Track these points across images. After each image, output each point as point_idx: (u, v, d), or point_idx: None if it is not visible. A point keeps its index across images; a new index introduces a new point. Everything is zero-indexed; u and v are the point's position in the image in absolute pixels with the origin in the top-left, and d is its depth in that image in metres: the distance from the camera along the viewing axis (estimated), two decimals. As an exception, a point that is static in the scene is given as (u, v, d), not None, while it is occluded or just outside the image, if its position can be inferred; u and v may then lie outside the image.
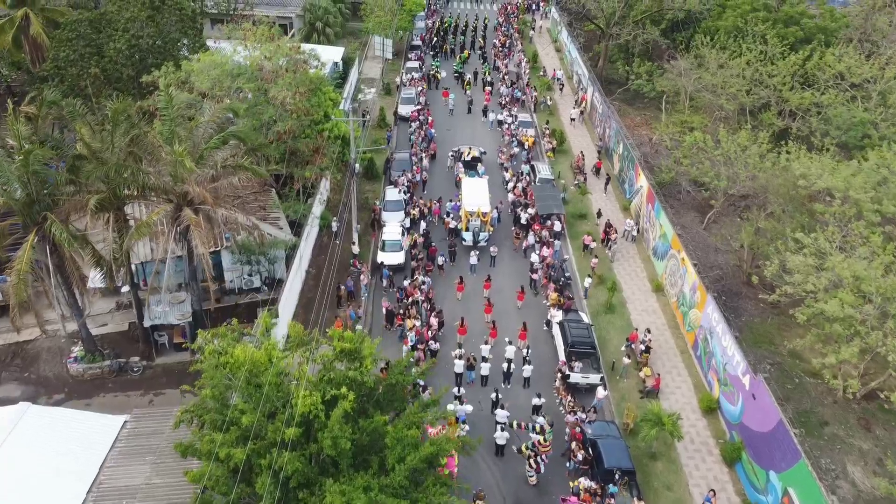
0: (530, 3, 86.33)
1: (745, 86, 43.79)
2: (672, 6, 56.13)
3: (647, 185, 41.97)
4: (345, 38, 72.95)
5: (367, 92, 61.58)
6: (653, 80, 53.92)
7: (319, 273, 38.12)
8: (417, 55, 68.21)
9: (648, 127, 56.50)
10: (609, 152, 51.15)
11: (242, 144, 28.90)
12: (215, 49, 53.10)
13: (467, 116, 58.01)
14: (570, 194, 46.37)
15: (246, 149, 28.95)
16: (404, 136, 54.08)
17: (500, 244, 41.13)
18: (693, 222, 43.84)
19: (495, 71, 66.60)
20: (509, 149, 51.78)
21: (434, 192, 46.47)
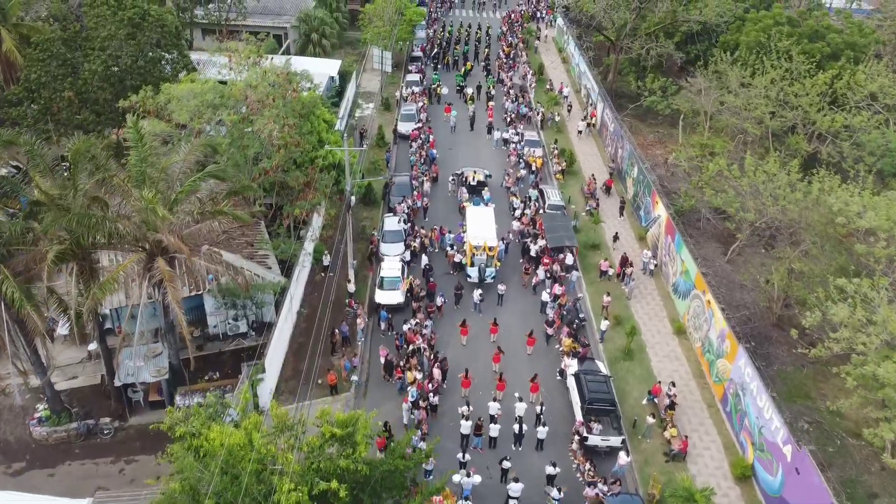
0: (535, 11, 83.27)
1: (770, 108, 40.70)
2: (687, 18, 53.02)
3: (665, 216, 38.91)
4: (342, 48, 70.03)
5: (366, 107, 58.66)
6: (667, 96, 50.89)
7: (312, 313, 35.04)
8: (418, 67, 65.16)
9: (663, 146, 53.48)
10: (622, 175, 48.10)
11: (223, 184, 25.86)
12: (202, 64, 50.43)
13: (470, 134, 54.96)
14: (581, 222, 43.31)
15: (227, 190, 25.92)
16: (404, 156, 51.04)
17: (508, 280, 38.12)
18: (715, 254, 40.80)
19: (499, 84, 63.55)
20: (516, 171, 48.73)
21: (436, 219, 43.41)
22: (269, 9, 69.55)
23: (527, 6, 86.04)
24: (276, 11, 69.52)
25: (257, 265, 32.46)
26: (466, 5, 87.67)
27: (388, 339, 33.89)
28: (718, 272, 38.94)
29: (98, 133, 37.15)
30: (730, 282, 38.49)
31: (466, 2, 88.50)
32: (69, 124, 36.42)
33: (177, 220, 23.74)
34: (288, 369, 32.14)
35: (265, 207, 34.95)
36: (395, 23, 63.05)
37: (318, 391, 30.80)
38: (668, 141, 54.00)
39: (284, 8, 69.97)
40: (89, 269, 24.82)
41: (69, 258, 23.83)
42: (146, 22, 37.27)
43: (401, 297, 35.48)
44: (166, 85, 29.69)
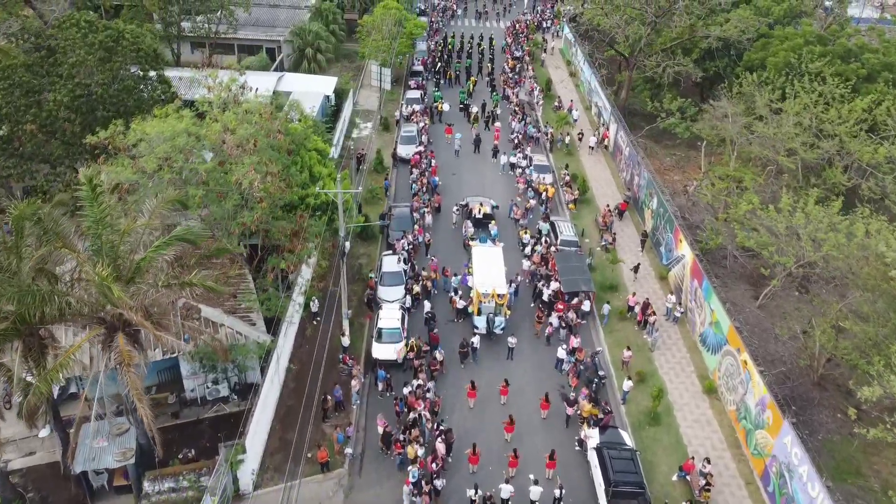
0: (540, 21, 79.75)
1: (806, 138, 37.18)
2: (707, 33, 49.52)
3: (691, 257, 35.44)
4: (339, 61, 66.60)
5: (363, 127, 55.21)
6: (686, 118, 47.39)
7: (302, 370, 31.64)
8: (418, 82, 61.63)
9: (681, 171, 50.02)
10: (639, 204, 44.59)
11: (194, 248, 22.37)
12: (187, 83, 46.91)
13: (475, 157, 51.45)
14: (596, 258, 39.83)
15: (198, 255, 22.47)
16: (404, 181, 47.55)
17: (519, 328, 34.65)
18: (744, 298, 37.31)
19: (504, 100, 60.03)
20: (524, 200, 45.28)
21: (439, 255, 39.89)
22: (261, 21, 66.11)
23: (532, 16, 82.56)
24: (268, 24, 66.06)
25: (240, 321, 28.97)
26: (468, 15, 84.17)
27: (386, 402, 30.41)
28: (749, 319, 35.46)
29: (68, 167, 33.75)
30: (762, 330, 35.00)
31: (468, 11, 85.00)
32: (35, 158, 32.98)
33: (139, 294, 20.23)
34: (274, 440, 28.63)
35: (249, 250, 31.46)
36: (395, 36, 59.65)
37: (308, 467, 27.29)
38: (687, 166, 50.55)
39: (278, 20, 66.53)
40: (38, 346, 21.31)
41: (12, 336, 20.35)
42: (120, 45, 33.75)
43: (401, 350, 32.02)
44: (136, 124, 26.14)
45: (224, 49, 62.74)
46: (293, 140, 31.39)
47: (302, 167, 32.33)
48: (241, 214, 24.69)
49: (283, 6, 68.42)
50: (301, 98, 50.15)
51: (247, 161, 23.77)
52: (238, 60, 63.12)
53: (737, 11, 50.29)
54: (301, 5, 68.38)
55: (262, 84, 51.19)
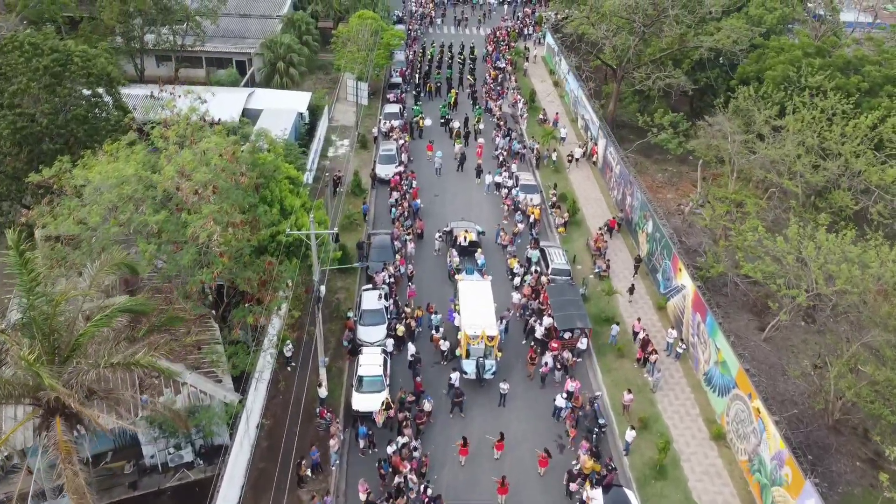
0: (522, 28, 77.34)
1: (810, 159, 35.05)
2: (699, 44, 47.35)
3: (692, 288, 33.14)
4: (314, 73, 63.72)
5: (340, 144, 52.43)
6: (679, 133, 45.19)
7: (277, 425, 28.91)
8: (397, 95, 58.94)
9: (674, 189, 47.82)
10: (632, 226, 42.28)
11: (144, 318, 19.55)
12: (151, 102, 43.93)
13: (458, 176, 48.87)
14: (589, 288, 37.44)
15: (149, 326, 19.69)
16: (383, 204, 44.83)
17: (511, 370, 32.16)
18: (748, 329, 35.14)
19: (487, 113, 57.53)
20: (511, 222, 42.84)
21: (422, 288, 37.27)
22: (231, 32, 63.05)
23: (513, 22, 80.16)
24: (239, 34, 63.03)
25: (205, 379, 26.11)
26: (447, 22, 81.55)
27: (368, 461, 27.69)
28: (756, 353, 33.33)
29: (12, 206, 30.71)
30: (770, 366, 32.87)
31: (447, 18, 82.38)
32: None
33: (78, 374, 17.39)
34: (245, 510, 25.84)
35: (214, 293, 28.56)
36: (371, 47, 56.91)
37: (282, 543, 24.57)
38: (680, 182, 48.38)
39: (248, 31, 63.50)
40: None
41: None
42: (68, 70, 30.74)
43: (384, 400, 29.35)
44: (78, 168, 23.17)
45: (192, 62, 59.66)
46: (262, 173, 28.56)
47: (272, 202, 29.52)
48: (199, 272, 21.86)
49: (254, 16, 65.41)
50: (273, 116, 47.52)
51: (205, 210, 20.97)
52: (206, 74, 60.13)
53: (728, 21, 48.23)
54: (273, 15, 65.40)
55: (231, 101, 48.65)
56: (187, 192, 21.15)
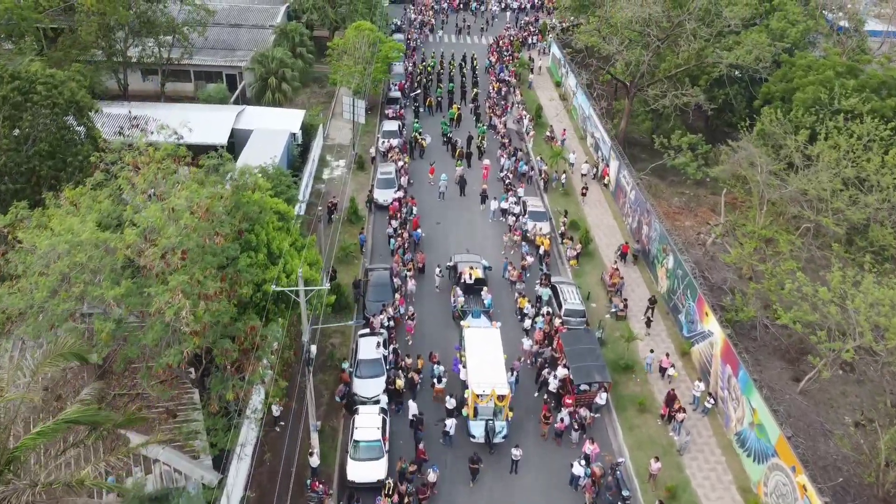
0: (526, 37, 74.21)
1: (850, 193, 32.03)
2: (719, 60, 44.29)
3: (721, 337, 30.10)
4: (308, 86, 60.61)
5: (335, 165, 49.33)
6: (698, 156, 42.15)
7: (263, 497, 25.81)
8: (396, 111, 55.84)
9: (692, 215, 44.76)
10: (649, 258, 39.23)
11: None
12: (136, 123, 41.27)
13: (461, 201, 45.78)
14: (606, 331, 34.39)
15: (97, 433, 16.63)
16: (381, 233, 41.79)
17: (522, 428, 29.13)
18: (782, 379, 32.13)
19: (491, 129, 54.46)
20: (517, 251, 39.86)
21: (423, 331, 34.27)
22: (221, 43, 59.89)
23: (516, 30, 77.07)
24: (229, 46, 59.87)
25: (179, 455, 23.06)
26: (448, 30, 78.45)
27: (365, 543, 24.68)
28: (791, 408, 30.32)
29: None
30: (808, 424, 29.86)
31: (448, 26, 79.28)
32: None
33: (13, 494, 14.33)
34: None
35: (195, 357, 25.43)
36: (369, 60, 53.81)
37: None
38: (698, 208, 45.34)
39: (239, 42, 60.37)
40: None
41: None
42: (31, 100, 27.63)
43: (382, 469, 26.33)
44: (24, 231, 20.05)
45: (179, 76, 56.53)
46: (245, 216, 25.50)
47: (258, 246, 26.46)
48: (167, 352, 18.79)
49: (246, 26, 62.32)
50: (264, 138, 44.42)
51: (172, 281, 17.91)
52: (195, 89, 56.99)
53: (750, 35, 45.14)
54: (265, 25, 62.31)
55: (219, 121, 45.56)
56: (152, 258, 18.09)
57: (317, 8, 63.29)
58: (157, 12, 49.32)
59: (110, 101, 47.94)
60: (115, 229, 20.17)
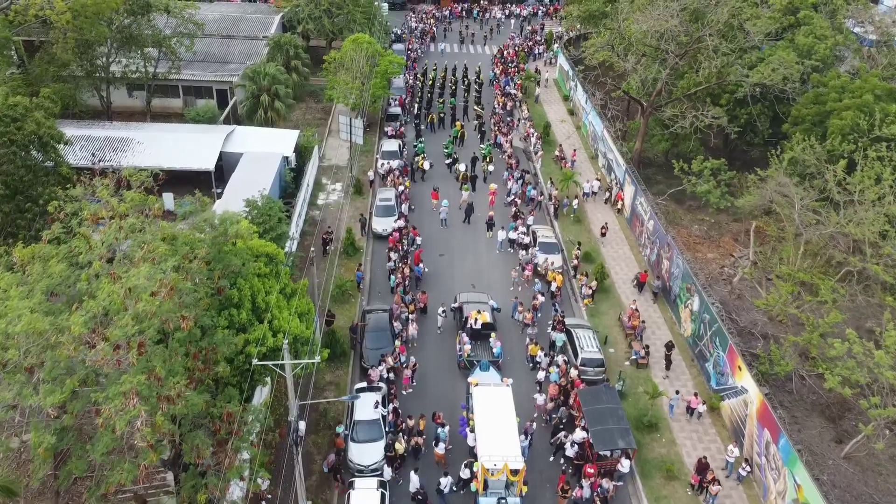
0: (531, 47, 71.10)
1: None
2: (743, 79, 41.25)
3: (758, 397, 27.06)
4: (304, 101, 57.62)
5: (331, 189, 46.27)
6: (721, 183, 39.11)
7: (244, 590, 22.74)
8: (396, 128, 52.78)
9: (714, 246, 41.69)
10: (671, 297, 36.18)
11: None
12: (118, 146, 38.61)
13: (465, 230, 42.74)
14: (627, 384, 31.32)
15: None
16: (380, 266, 38.77)
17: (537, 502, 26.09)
18: (822, 440, 29.08)
19: (496, 148, 51.42)
20: (529, 286, 36.83)
21: (424, 382, 31.27)
22: (212, 55, 56.91)
23: (521, 40, 73.97)
24: (220, 59, 56.87)
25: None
26: (450, 38, 75.37)
27: None
28: (836, 477, 27.26)
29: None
30: (856, 495, 26.79)
31: (450, 35, 76.20)
32: None
33: None
34: None
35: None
36: (367, 75, 50.79)
37: None
38: (721, 238, 42.26)
39: (231, 54, 57.36)
40: None
41: None
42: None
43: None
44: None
45: (167, 92, 53.49)
46: (227, 269, 22.52)
47: (241, 302, 23.48)
48: (120, 466, 15.74)
49: (238, 37, 59.30)
50: (254, 163, 41.33)
51: (125, 382, 14.83)
52: (184, 104, 53.96)
53: (776, 52, 42.10)
54: (258, 36, 59.29)
55: (206, 144, 42.50)
56: (102, 356, 15.07)
57: (313, 18, 60.27)
58: (141, 25, 46.29)
59: (90, 122, 45.02)
60: (67, 304, 17.07)
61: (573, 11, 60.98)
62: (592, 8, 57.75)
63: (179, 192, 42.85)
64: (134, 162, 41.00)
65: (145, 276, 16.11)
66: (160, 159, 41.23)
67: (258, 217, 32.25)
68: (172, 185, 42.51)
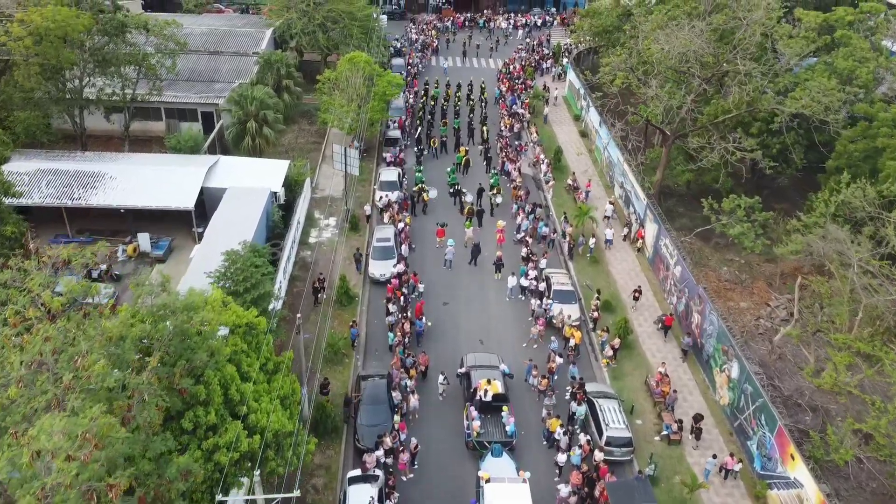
0: (538, 61, 67.11)
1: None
2: (780, 109, 37.37)
3: (817, 496, 23.15)
4: (296, 122, 53.78)
5: (325, 225, 42.36)
6: (756, 224, 35.20)
7: None
8: (395, 154, 48.86)
9: (747, 292, 37.76)
10: (704, 357, 32.23)
11: None
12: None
13: (472, 273, 38.84)
14: (658, 466, 27.38)
15: None
16: (377, 317, 34.92)
17: None
18: (887, 539, 25.18)
19: (504, 176, 47.53)
20: (543, 346, 32.93)
21: (428, 469, 27.37)
22: (198, 73, 53.17)
23: (527, 52, 69.99)
24: (207, 77, 53.09)
25: None
26: (453, 51, 71.42)
27: None
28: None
29: None
30: None
31: (453, 47, 72.23)
32: None
33: None
34: None
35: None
36: (363, 96, 46.91)
37: None
38: (754, 283, 38.32)
39: (219, 72, 53.59)
40: None
41: None
42: None
43: None
44: None
45: (148, 114, 49.62)
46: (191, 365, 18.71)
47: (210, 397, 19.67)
48: None
49: (227, 53, 55.49)
50: (237, 201, 37.29)
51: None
52: (167, 128, 50.15)
53: (814, 77, 38.23)
54: (248, 52, 55.40)
55: (186, 179, 38.51)
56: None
57: (306, 33, 56.31)
58: (119, 46, 42.37)
59: (60, 153, 41.09)
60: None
61: (584, 25, 57.23)
62: (606, 23, 54.02)
63: (157, 230, 39.11)
64: (105, 200, 37.31)
65: (61, 430, 12.26)
66: (135, 197, 37.52)
67: (238, 273, 28.36)
68: (151, 222, 38.94)
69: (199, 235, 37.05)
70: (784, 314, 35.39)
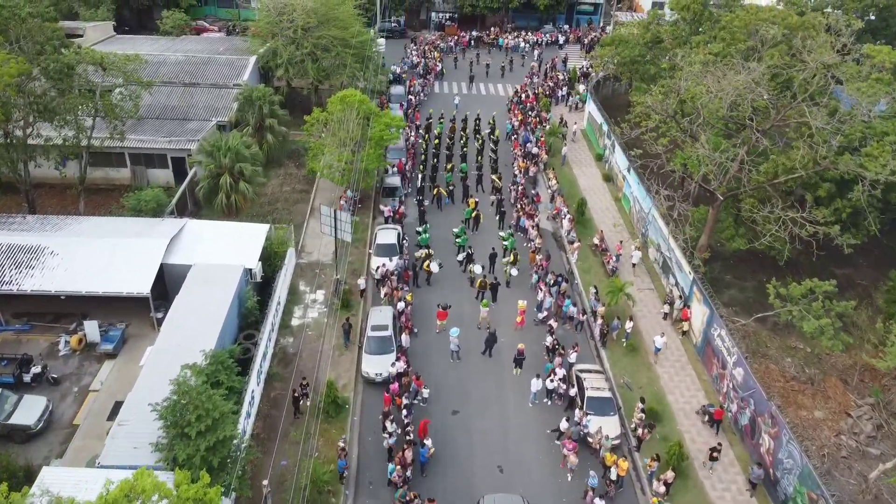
0: (554, 88, 60.47)
1: None
2: (858, 172, 31.01)
3: None
4: (283, 165, 47.41)
5: (311, 301, 35.91)
6: (833, 315, 28.75)
7: None
8: (394, 208, 42.33)
9: (820, 395, 31.27)
10: (779, 496, 25.70)
11: None
12: None
13: (486, 367, 32.38)
14: None
15: None
16: (371, 432, 28.44)
17: None
18: None
19: (521, 234, 41.09)
20: (576, 475, 26.47)
21: None
22: (170, 109, 46.83)
23: (540, 77, 63.40)
24: (181, 114, 46.68)
25: None
26: (458, 75, 64.85)
27: None
28: None
29: None
30: None
31: (458, 72, 65.60)
32: None
33: None
34: None
35: None
36: (359, 142, 40.54)
37: None
38: (826, 382, 31.82)
39: (194, 108, 47.29)
40: None
41: None
42: None
43: None
44: None
45: (111, 160, 43.15)
46: None
47: None
48: None
49: (204, 85, 49.15)
50: (203, 284, 30.65)
51: None
52: (133, 175, 43.70)
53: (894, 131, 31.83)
54: (229, 84, 48.99)
55: (142, 256, 31.90)
56: None
57: (293, 63, 49.80)
58: (67, 87, 35.91)
59: None
60: None
61: (605, 55, 50.81)
62: (634, 53, 47.60)
63: (110, 314, 32.74)
64: (43, 285, 30.84)
65: None
66: (80, 280, 31.14)
67: (193, 410, 21.90)
68: (102, 306, 32.54)
69: (159, 321, 30.68)
70: (870, 428, 29.00)
